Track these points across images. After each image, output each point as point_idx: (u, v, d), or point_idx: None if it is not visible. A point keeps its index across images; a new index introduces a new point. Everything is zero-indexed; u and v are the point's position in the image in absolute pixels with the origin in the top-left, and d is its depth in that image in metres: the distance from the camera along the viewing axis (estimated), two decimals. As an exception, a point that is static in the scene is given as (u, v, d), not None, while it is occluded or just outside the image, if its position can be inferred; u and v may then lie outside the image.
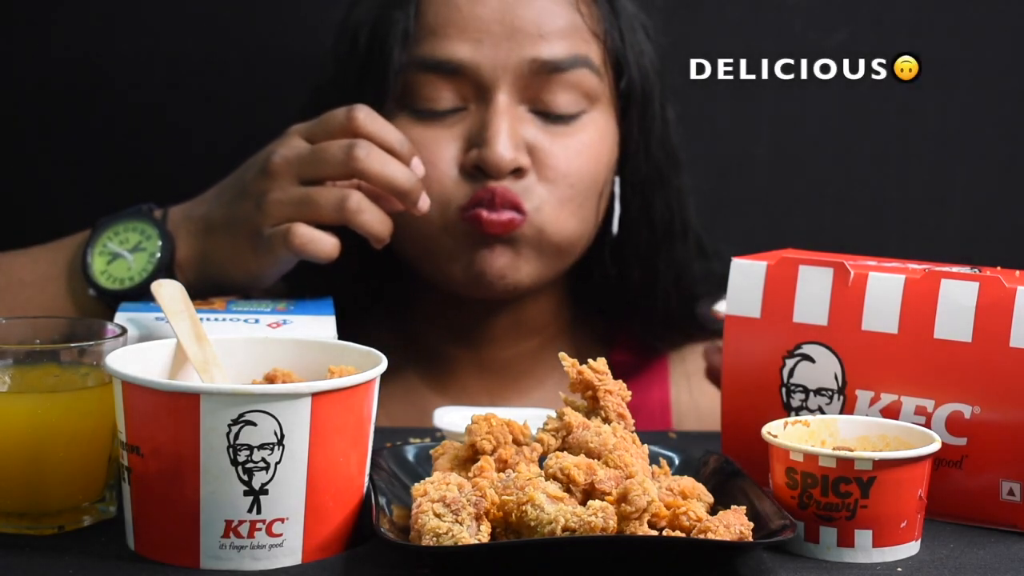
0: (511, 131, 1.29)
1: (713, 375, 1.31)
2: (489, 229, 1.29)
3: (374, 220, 1.18)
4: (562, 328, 1.44)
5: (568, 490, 0.92)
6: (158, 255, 1.23)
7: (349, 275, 1.35)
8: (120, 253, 1.24)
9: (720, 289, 1.35)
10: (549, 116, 1.31)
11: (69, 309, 1.25)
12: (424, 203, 1.21)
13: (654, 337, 1.44)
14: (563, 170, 1.30)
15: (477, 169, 1.29)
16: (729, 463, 1.03)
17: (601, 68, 1.33)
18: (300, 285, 1.32)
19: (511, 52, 1.30)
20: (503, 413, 1.01)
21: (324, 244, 1.18)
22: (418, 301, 1.42)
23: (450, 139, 1.30)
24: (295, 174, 1.18)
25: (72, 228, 1.31)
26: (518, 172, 1.29)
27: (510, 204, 1.28)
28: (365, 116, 1.19)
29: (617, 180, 1.37)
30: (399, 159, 1.19)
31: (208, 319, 1.08)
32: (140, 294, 1.22)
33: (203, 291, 1.23)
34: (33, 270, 1.28)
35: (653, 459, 1.01)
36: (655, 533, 0.90)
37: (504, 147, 1.27)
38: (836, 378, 1.06)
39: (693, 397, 1.45)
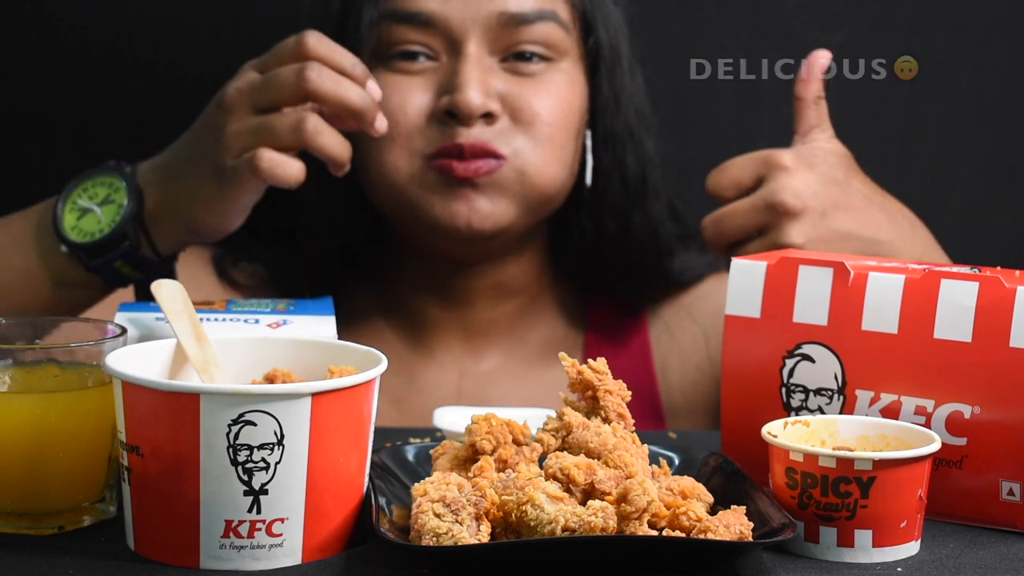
0: (481, 79, 1.33)
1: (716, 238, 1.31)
2: (460, 173, 1.32)
3: (333, 142, 1.20)
4: (543, 289, 1.48)
5: (568, 490, 0.92)
6: (126, 204, 1.25)
7: (332, 236, 1.40)
8: (90, 207, 1.26)
9: (694, 247, 1.45)
10: (518, 68, 1.36)
11: (42, 270, 1.27)
12: (381, 123, 1.23)
13: (630, 292, 1.47)
14: (536, 110, 1.35)
15: (447, 115, 1.33)
16: (729, 463, 1.03)
17: (568, 24, 1.39)
18: (288, 252, 1.38)
19: (480, 5, 1.35)
20: (503, 413, 1.01)
21: (290, 167, 1.19)
22: (401, 264, 1.45)
23: (422, 88, 1.35)
24: (250, 104, 1.21)
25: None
26: (489, 118, 1.33)
27: (482, 152, 1.33)
28: (315, 40, 1.21)
29: (589, 134, 1.42)
30: (353, 80, 1.21)
31: (208, 319, 1.08)
32: (111, 246, 1.24)
33: (178, 240, 1.26)
34: (7, 234, 1.30)
35: (653, 459, 1.01)
36: (655, 533, 0.90)
37: (474, 92, 1.32)
38: (836, 378, 1.06)
39: (675, 339, 1.48)
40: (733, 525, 0.90)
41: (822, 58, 1.33)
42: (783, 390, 1.08)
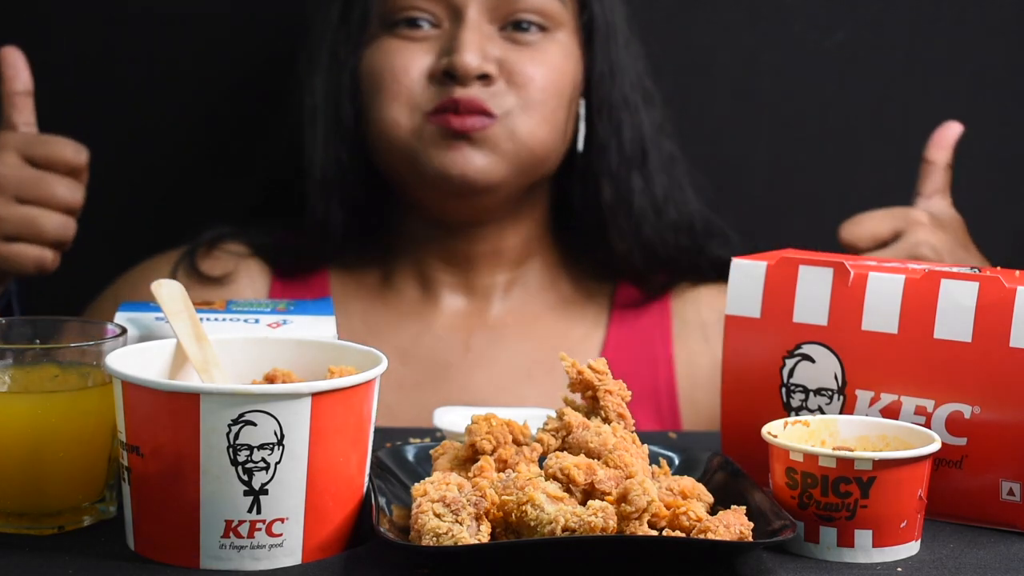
0: (479, 43, 1.41)
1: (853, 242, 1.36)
2: (457, 127, 1.40)
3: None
4: (551, 260, 1.53)
5: (568, 490, 0.92)
6: None
7: (338, 197, 1.47)
8: None
9: (719, 237, 1.50)
10: (515, 37, 1.44)
11: None
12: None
13: (642, 267, 1.51)
14: (530, 75, 1.43)
15: (446, 75, 1.41)
16: (729, 463, 1.04)
17: None
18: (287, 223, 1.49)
19: None
20: (503, 413, 1.01)
21: (47, 262, 1.29)
22: (406, 228, 1.51)
23: (424, 52, 1.43)
24: (15, 193, 1.28)
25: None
26: (485, 80, 1.41)
27: (476, 109, 1.40)
28: (85, 158, 1.29)
29: (583, 103, 1.48)
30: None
31: (208, 319, 1.08)
32: None
33: None
34: None
35: (653, 459, 1.01)
36: (655, 533, 0.90)
37: (471, 54, 1.40)
38: (836, 378, 1.06)
39: (700, 312, 1.52)
40: (733, 525, 0.90)
41: (955, 128, 1.40)
42: (783, 390, 1.08)
